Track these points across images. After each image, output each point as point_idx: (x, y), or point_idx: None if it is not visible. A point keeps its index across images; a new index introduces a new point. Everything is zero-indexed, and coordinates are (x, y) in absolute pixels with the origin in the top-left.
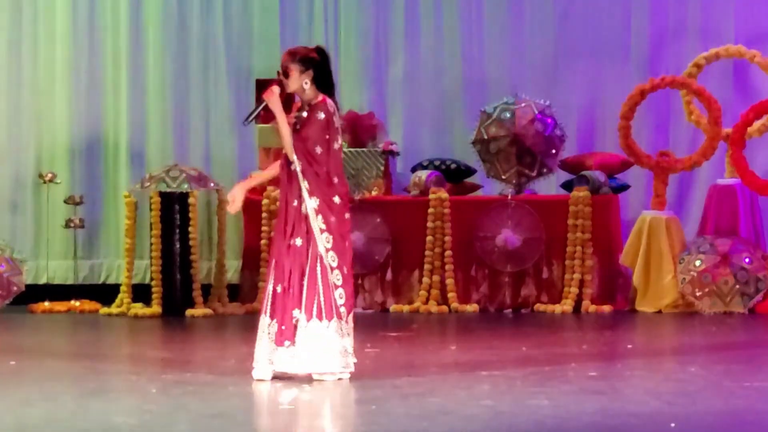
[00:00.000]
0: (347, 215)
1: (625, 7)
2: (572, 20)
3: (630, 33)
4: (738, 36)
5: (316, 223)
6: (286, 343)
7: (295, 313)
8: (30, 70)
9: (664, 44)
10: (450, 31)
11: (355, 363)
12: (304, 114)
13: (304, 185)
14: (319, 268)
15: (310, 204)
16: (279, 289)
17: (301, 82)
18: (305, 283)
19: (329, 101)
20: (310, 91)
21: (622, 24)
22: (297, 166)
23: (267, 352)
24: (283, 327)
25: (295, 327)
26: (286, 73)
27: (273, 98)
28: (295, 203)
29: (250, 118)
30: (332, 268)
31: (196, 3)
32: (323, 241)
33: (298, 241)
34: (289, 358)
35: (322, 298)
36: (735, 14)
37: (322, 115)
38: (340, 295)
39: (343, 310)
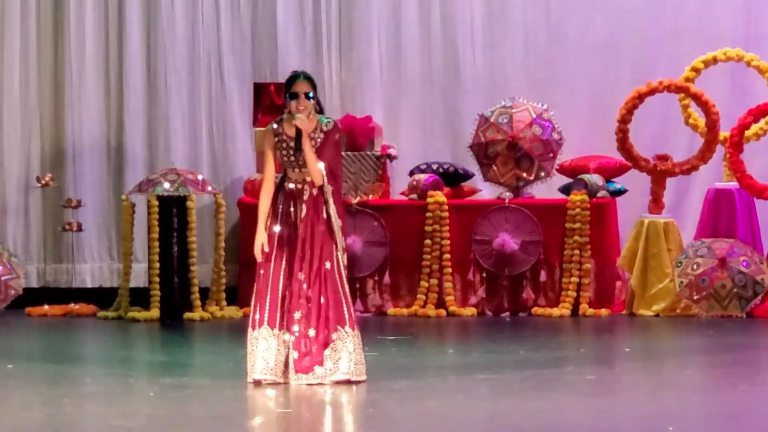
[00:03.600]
0: None
1: (623, 10)
2: (570, 24)
3: (628, 36)
4: (736, 39)
5: (340, 242)
6: (316, 368)
7: (332, 335)
8: (27, 74)
9: (662, 47)
10: (447, 34)
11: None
12: (318, 137)
13: (333, 209)
14: (346, 284)
15: (337, 225)
16: (298, 315)
17: (313, 107)
18: (339, 297)
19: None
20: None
21: (620, 27)
22: (327, 191)
23: (279, 360)
24: (309, 353)
25: (325, 346)
26: (309, 96)
27: (307, 127)
28: (323, 227)
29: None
30: (348, 282)
31: (192, 7)
32: (343, 260)
33: (327, 264)
34: (321, 376)
35: (352, 309)
36: (733, 18)
37: (337, 136)
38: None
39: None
